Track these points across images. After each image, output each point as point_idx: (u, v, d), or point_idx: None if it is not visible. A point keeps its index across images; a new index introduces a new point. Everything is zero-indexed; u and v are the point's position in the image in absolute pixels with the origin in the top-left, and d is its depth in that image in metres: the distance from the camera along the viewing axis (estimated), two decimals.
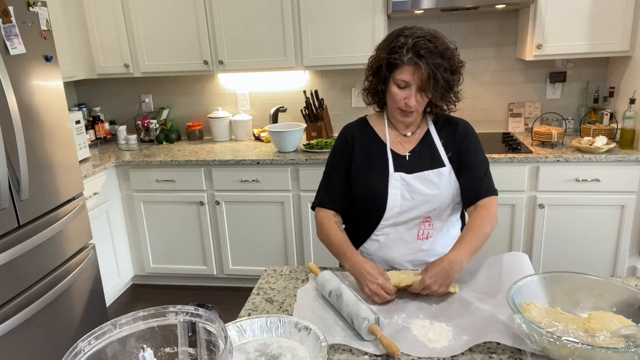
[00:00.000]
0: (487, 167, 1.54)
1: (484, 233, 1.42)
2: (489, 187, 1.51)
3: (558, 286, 1.17)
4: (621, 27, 2.74)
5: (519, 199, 2.81)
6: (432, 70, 1.37)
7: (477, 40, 3.24)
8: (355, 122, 1.63)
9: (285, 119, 3.52)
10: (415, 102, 1.42)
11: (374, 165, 1.52)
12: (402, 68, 1.39)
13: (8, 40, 2.06)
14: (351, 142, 1.56)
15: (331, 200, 1.57)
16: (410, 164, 1.51)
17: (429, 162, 1.51)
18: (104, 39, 3.28)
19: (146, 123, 3.60)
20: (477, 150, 1.54)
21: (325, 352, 0.98)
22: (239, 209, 3.13)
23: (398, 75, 1.40)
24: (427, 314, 1.24)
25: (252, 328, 1.13)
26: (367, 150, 1.54)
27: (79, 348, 0.84)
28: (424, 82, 1.38)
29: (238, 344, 1.11)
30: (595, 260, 2.83)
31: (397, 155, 1.53)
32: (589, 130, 2.92)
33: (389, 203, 1.48)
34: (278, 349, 1.08)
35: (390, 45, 1.42)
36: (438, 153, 1.52)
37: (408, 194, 1.48)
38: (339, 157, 1.58)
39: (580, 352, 0.93)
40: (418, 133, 1.56)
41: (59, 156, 2.38)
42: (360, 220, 1.57)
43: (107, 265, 3.06)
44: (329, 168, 1.61)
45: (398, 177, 1.49)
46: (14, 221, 2.09)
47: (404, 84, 1.41)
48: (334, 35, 3.03)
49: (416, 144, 1.54)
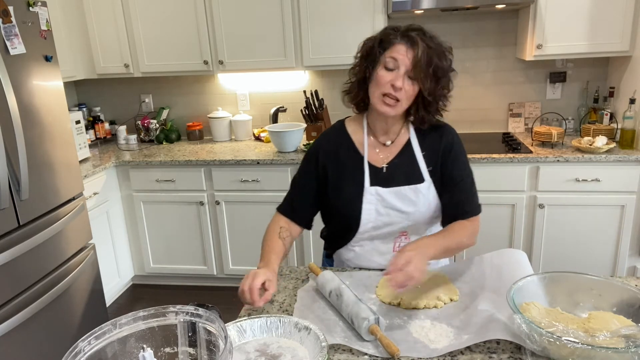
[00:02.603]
0: (471, 182, 1.46)
1: (459, 240, 1.36)
2: (471, 206, 1.44)
3: (558, 286, 1.17)
4: (621, 27, 2.74)
5: (519, 199, 2.81)
6: (425, 50, 1.29)
7: (477, 40, 3.24)
8: (332, 131, 1.55)
9: (285, 119, 3.52)
10: (402, 86, 1.32)
11: (348, 179, 1.45)
12: (395, 46, 1.32)
13: (8, 40, 2.06)
14: (322, 159, 1.48)
15: (292, 210, 1.51)
16: (388, 177, 1.43)
17: (407, 176, 1.43)
18: (104, 39, 3.28)
19: (146, 123, 3.60)
20: (463, 164, 1.46)
21: (325, 352, 0.98)
22: (239, 209, 3.13)
23: (389, 54, 1.32)
24: (427, 314, 1.24)
25: (252, 328, 1.13)
26: (342, 163, 1.46)
27: (79, 348, 0.84)
28: (416, 61, 1.29)
29: (238, 344, 1.11)
30: (595, 260, 2.83)
31: (373, 167, 1.45)
32: (589, 130, 2.92)
33: (363, 218, 1.43)
34: (278, 349, 1.08)
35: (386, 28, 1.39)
36: (418, 167, 1.44)
37: (383, 210, 1.43)
38: (305, 171, 1.52)
39: (580, 352, 0.93)
40: (398, 142, 1.47)
41: (59, 156, 2.38)
42: (337, 230, 1.53)
43: (107, 265, 3.06)
44: (297, 177, 1.54)
45: (373, 191, 1.42)
46: (14, 221, 2.09)
47: (394, 64, 1.32)
48: (334, 35, 3.03)
49: (395, 155, 1.46)
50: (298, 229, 1.52)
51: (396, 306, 1.28)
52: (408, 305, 1.27)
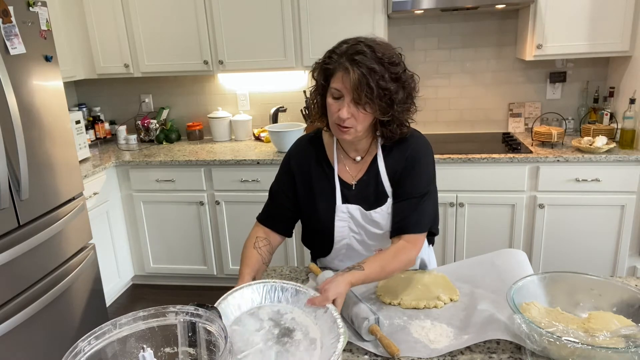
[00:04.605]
0: (423, 200, 1.35)
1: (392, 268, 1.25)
2: (417, 223, 1.34)
3: (558, 286, 1.17)
4: (621, 27, 2.74)
5: (519, 199, 2.81)
6: (363, 75, 1.19)
7: (477, 40, 3.24)
8: (306, 140, 1.49)
9: (285, 119, 3.52)
10: (348, 114, 1.24)
11: (321, 194, 1.42)
12: (335, 75, 1.25)
13: (8, 40, 2.06)
14: (294, 169, 1.45)
15: (269, 219, 1.50)
16: (356, 195, 1.40)
17: (372, 197, 1.38)
18: (104, 39, 3.28)
19: (146, 123, 3.60)
20: (419, 179, 1.36)
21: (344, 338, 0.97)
22: (239, 209, 3.13)
23: (332, 84, 1.26)
24: (427, 314, 1.24)
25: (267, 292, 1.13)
26: (314, 177, 1.43)
27: (79, 348, 0.84)
28: (355, 89, 1.20)
29: (252, 308, 1.11)
30: (595, 260, 2.83)
31: (344, 183, 1.41)
32: (589, 130, 2.91)
33: (337, 236, 1.41)
34: (292, 321, 1.08)
35: (329, 51, 1.29)
36: (382, 185, 1.38)
37: (356, 228, 1.41)
38: (280, 179, 1.50)
39: (580, 352, 0.93)
40: (367, 158, 1.41)
41: (59, 156, 2.38)
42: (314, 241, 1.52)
43: (107, 265, 3.06)
44: (274, 185, 1.52)
45: (345, 209, 1.39)
46: (14, 221, 2.09)
47: (338, 93, 1.25)
48: (334, 35, 2.99)
49: (364, 172, 1.41)
50: (278, 237, 1.49)
51: (396, 306, 1.28)
52: (408, 305, 1.27)
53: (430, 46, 3.30)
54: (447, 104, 3.38)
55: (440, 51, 3.30)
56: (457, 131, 3.41)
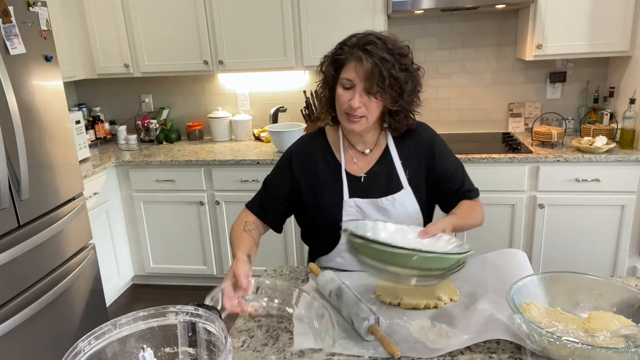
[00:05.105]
0: (462, 170, 1.47)
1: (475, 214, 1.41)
2: (469, 192, 1.46)
3: (558, 286, 1.17)
4: (621, 27, 2.74)
5: (519, 199, 2.81)
6: (375, 64, 1.25)
7: (477, 40, 3.24)
8: (309, 138, 1.52)
9: (285, 119, 3.52)
10: (360, 104, 1.29)
11: (327, 189, 1.42)
12: (347, 66, 1.30)
13: (8, 40, 2.06)
14: (296, 166, 1.46)
15: (261, 209, 1.49)
16: (366, 187, 1.41)
17: (385, 186, 1.41)
18: (104, 39, 3.28)
19: (146, 123, 3.60)
20: (449, 156, 1.47)
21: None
22: (239, 209, 3.09)
23: (343, 74, 1.30)
24: (427, 314, 1.24)
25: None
26: (320, 172, 1.44)
27: (79, 348, 0.84)
28: (367, 78, 1.26)
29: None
30: (595, 260, 2.83)
31: (352, 177, 1.42)
32: (589, 130, 2.92)
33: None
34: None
35: (340, 43, 1.35)
36: (397, 174, 1.41)
37: None
38: (278, 174, 1.50)
39: (580, 352, 0.93)
40: (376, 150, 1.44)
41: (59, 156, 2.38)
42: (317, 238, 1.51)
43: (107, 265, 3.06)
44: (270, 177, 1.52)
45: (352, 203, 1.40)
46: (14, 221, 2.09)
47: (349, 83, 1.30)
48: (334, 35, 2.98)
49: (374, 163, 1.43)
50: (265, 226, 1.50)
51: (396, 306, 1.28)
52: (408, 305, 1.27)
53: (430, 46, 3.30)
54: (447, 104, 3.38)
55: (440, 51, 3.30)
56: (457, 131, 3.41)
